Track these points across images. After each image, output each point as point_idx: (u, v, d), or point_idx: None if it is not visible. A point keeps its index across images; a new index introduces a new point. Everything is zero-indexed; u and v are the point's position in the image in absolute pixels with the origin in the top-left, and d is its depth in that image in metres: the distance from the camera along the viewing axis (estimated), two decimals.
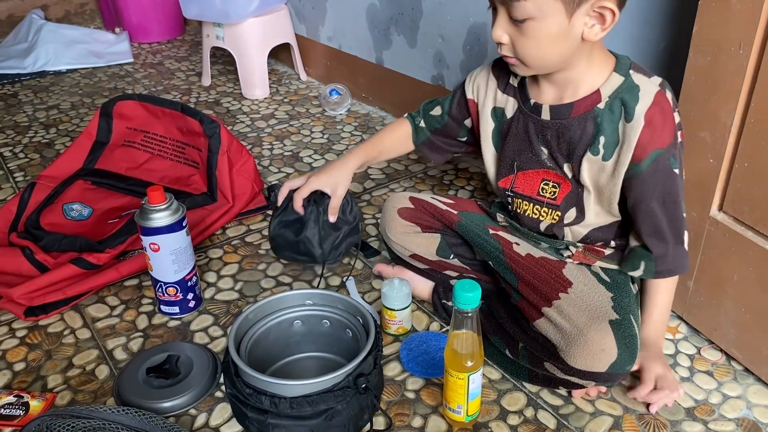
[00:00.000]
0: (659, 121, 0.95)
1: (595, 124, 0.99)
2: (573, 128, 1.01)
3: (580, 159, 1.02)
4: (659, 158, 0.97)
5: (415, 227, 1.22)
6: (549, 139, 1.04)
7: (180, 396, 1.07)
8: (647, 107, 0.95)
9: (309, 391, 0.94)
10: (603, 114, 0.98)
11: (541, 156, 1.06)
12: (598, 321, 0.96)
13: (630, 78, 0.97)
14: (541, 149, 1.06)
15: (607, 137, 0.98)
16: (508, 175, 1.12)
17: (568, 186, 1.06)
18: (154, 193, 1.16)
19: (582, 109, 0.99)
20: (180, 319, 1.27)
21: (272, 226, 1.30)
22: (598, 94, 0.98)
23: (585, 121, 1.00)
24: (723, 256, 1.10)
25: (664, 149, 0.96)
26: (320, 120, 2.15)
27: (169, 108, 1.64)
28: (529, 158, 1.08)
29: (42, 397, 1.08)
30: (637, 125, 0.95)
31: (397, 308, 1.18)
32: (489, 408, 1.05)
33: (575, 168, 1.03)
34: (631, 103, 0.96)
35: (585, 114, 0.99)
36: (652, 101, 0.95)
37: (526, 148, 1.08)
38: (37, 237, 1.42)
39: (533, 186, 1.09)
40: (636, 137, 0.96)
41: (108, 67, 2.73)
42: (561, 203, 1.07)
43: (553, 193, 1.08)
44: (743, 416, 1.03)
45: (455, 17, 1.78)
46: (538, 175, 1.08)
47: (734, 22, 0.97)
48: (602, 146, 0.99)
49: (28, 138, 2.07)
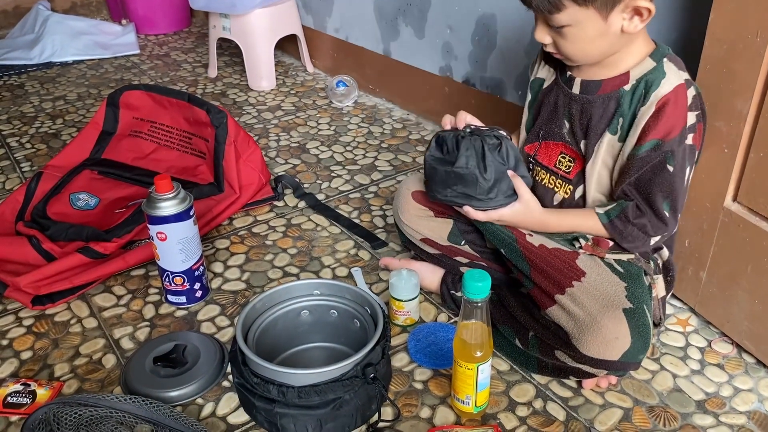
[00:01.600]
0: (669, 112, 0.95)
1: (617, 105, 1.00)
2: (596, 105, 1.02)
3: (598, 137, 1.03)
4: (657, 148, 0.97)
5: (428, 211, 1.22)
6: (573, 113, 1.05)
7: (187, 385, 1.06)
8: (663, 95, 0.95)
9: (317, 380, 0.94)
10: (626, 95, 0.99)
11: (563, 129, 1.08)
12: (612, 309, 0.95)
13: (661, 65, 0.98)
14: (564, 122, 1.07)
15: (626, 119, 1.00)
16: (534, 142, 1.13)
17: (580, 163, 1.07)
18: (161, 182, 1.16)
19: (609, 88, 1.01)
20: (187, 309, 1.26)
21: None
22: (626, 76, 0.99)
23: (609, 100, 1.01)
24: (737, 247, 1.08)
25: (665, 141, 0.96)
26: (327, 111, 2.14)
27: (176, 98, 1.63)
28: (552, 129, 1.09)
29: (49, 386, 1.07)
30: (648, 110, 0.96)
31: (405, 299, 1.17)
32: (498, 399, 1.04)
33: (590, 146, 1.04)
34: (653, 88, 0.96)
35: (610, 93, 1.01)
36: (670, 90, 0.95)
37: (553, 119, 1.09)
38: (43, 226, 1.42)
39: (552, 157, 1.11)
40: (643, 122, 0.97)
41: (114, 58, 2.73)
42: (574, 178, 1.09)
43: (568, 167, 1.09)
44: (755, 409, 1.02)
45: (463, 8, 1.77)
46: (558, 148, 1.10)
47: (752, 10, 0.96)
48: (620, 127, 1.01)
49: (34, 128, 2.07)
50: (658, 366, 1.10)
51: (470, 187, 1.05)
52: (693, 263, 1.18)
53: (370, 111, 2.13)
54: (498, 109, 1.76)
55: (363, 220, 1.54)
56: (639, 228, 1.02)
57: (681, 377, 1.08)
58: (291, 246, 1.45)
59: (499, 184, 1.05)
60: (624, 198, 1.02)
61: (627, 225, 1.02)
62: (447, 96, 1.93)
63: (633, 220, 1.02)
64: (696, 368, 1.10)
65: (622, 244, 1.04)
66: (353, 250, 1.43)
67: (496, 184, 1.04)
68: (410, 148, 1.88)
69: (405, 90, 2.10)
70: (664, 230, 1.03)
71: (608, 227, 1.03)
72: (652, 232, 1.02)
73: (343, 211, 1.58)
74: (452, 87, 1.90)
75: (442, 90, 1.94)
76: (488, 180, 1.03)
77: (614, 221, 1.03)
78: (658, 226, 1.02)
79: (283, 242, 1.46)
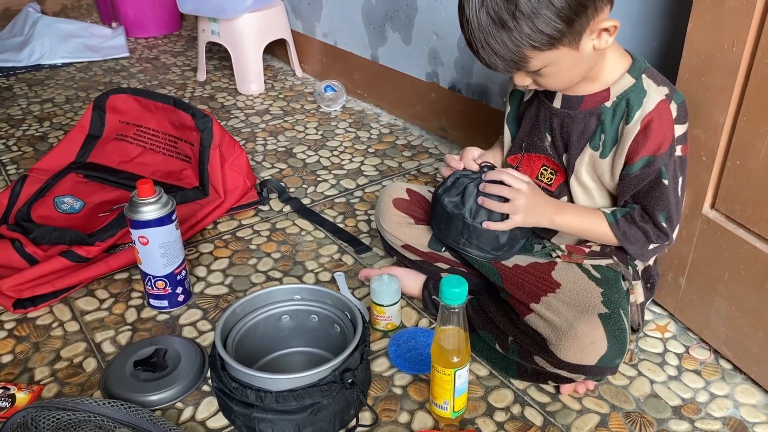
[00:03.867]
0: (656, 128, 0.96)
1: (599, 122, 1.01)
2: (577, 121, 1.03)
3: (579, 152, 1.04)
4: (649, 164, 0.98)
5: (409, 218, 1.22)
6: (554, 126, 1.06)
7: (167, 389, 1.06)
8: (647, 113, 0.96)
9: (295, 385, 0.94)
10: (607, 112, 1.00)
11: (545, 142, 1.09)
12: (588, 314, 0.96)
13: (640, 82, 0.99)
14: (545, 135, 1.08)
15: (608, 135, 1.01)
16: (517, 154, 1.14)
17: (562, 176, 1.08)
18: (143, 186, 1.16)
19: (590, 104, 1.01)
20: (169, 313, 1.26)
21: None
22: (607, 92, 1.00)
23: (590, 116, 1.02)
24: (715, 254, 1.09)
25: (656, 157, 0.98)
26: (315, 116, 2.15)
27: (161, 102, 1.63)
28: (534, 142, 1.10)
29: (29, 389, 1.07)
30: (633, 129, 0.97)
31: (386, 304, 1.17)
32: (476, 404, 1.05)
33: (571, 160, 1.05)
34: (635, 106, 0.97)
35: (591, 110, 1.01)
36: (653, 108, 0.96)
37: (534, 132, 1.10)
38: (27, 229, 1.42)
39: (534, 169, 1.11)
40: (630, 140, 0.98)
41: (104, 61, 2.72)
42: (555, 190, 1.09)
43: (549, 179, 1.10)
44: (730, 415, 1.03)
45: (450, 14, 1.78)
46: (540, 160, 1.10)
47: (728, 21, 0.97)
48: (602, 143, 1.02)
49: (21, 131, 2.06)
50: (636, 372, 1.11)
51: (484, 242, 1.07)
52: (673, 269, 1.19)
53: (357, 116, 2.14)
54: (483, 116, 1.77)
55: (348, 225, 1.54)
56: (642, 232, 1.03)
57: (658, 383, 1.09)
58: (275, 250, 1.45)
59: (512, 243, 1.08)
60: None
61: (632, 227, 1.04)
62: (433, 102, 1.94)
63: (638, 223, 1.03)
64: (673, 374, 1.11)
65: (624, 245, 1.05)
66: (337, 254, 1.43)
67: (509, 243, 1.07)
68: (397, 153, 1.89)
69: (392, 95, 2.10)
70: (664, 240, 1.05)
71: (613, 226, 1.04)
72: (653, 238, 1.04)
73: (328, 215, 1.58)
74: (439, 93, 1.91)
75: (428, 96, 1.95)
76: (504, 241, 1.07)
77: (620, 221, 1.04)
78: (659, 235, 1.04)
79: (267, 246, 1.46)
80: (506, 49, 0.89)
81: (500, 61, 0.91)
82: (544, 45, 0.88)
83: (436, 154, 1.87)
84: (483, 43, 0.90)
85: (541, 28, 0.86)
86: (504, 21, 0.86)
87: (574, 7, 0.86)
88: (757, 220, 1.02)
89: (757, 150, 0.98)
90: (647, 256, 1.08)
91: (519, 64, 0.91)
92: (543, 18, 0.86)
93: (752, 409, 1.04)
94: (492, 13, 0.87)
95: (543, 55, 0.90)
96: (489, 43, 0.89)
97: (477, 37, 0.90)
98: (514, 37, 0.87)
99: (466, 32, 0.91)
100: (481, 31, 0.89)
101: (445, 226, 1.10)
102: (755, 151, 0.99)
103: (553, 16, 0.86)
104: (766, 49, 0.93)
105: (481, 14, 0.87)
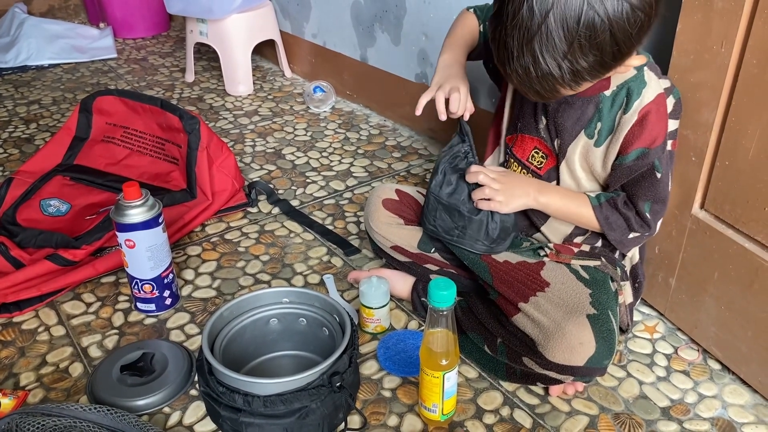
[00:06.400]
0: (652, 121, 0.97)
1: (597, 110, 1.01)
2: (575, 107, 1.02)
3: (573, 138, 1.04)
4: (643, 156, 0.98)
5: (398, 219, 1.22)
6: (550, 110, 1.06)
7: (154, 394, 1.05)
8: (645, 104, 0.97)
9: (283, 389, 0.93)
10: (606, 101, 1.00)
11: (539, 125, 1.08)
12: (576, 315, 0.96)
13: (642, 73, 0.98)
14: (540, 118, 1.08)
15: (604, 124, 1.01)
16: (512, 134, 1.14)
17: (553, 161, 1.08)
18: (129, 189, 1.15)
19: (589, 92, 1.00)
20: (156, 317, 1.25)
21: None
22: (608, 81, 1.00)
23: (588, 103, 1.01)
24: (704, 254, 1.10)
25: (650, 149, 0.98)
26: (304, 117, 2.14)
27: (148, 103, 1.62)
28: (529, 123, 1.10)
29: (13, 395, 1.06)
30: (630, 119, 0.97)
31: (375, 306, 1.17)
32: (465, 407, 1.04)
33: (564, 146, 1.05)
34: (634, 96, 0.97)
35: (590, 97, 1.01)
36: (651, 100, 0.97)
37: (530, 113, 1.09)
38: (12, 233, 1.40)
39: (525, 151, 1.11)
40: (626, 130, 0.98)
41: (91, 62, 2.70)
42: (544, 174, 1.10)
43: (540, 163, 1.10)
44: (718, 416, 1.03)
45: (439, 15, 1.77)
46: (533, 142, 1.10)
47: (717, 22, 0.97)
48: (597, 132, 1.02)
49: (7, 133, 2.04)
50: (625, 373, 1.11)
51: (477, 233, 1.08)
52: (663, 269, 1.19)
53: (347, 117, 2.13)
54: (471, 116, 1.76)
55: (337, 227, 1.53)
56: (624, 218, 1.04)
57: (647, 384, 1.09)
58: (263, 253, 1.44)
59: (503, 235, 1.09)
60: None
61: (614, 212, 1.04)
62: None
63: (621, 209, 1.04)
64: (662, 375, 1.11)
65: (605, 230, 1.05)
66: (326, 256, 1.42)
67: (500, 235, 1.08)
68: (386, 154, 1.88)
69: (382, 96, 2.10)
70: (645, 230, 1.05)
71: (597, 209, 1.04)
72: (635, 226, 1.04)
73: (317, 217, 1.57)
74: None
75: (418, 97, 1.93)
76: (496, 235, 1.08)
77: (603, 205, 1.04)
78: (641, 224, 1.04)
79: (256, 249, 1.45)
80: (542, 87, 0.87)
81: (533, 93, 0.90)
82: (578, 84, 0.88)
83: (425, 155, 1.87)
84: (522, 73, 0.86)
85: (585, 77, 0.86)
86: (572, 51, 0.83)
87: (618, 60, 0.87)
88: (746, 220, 1.02)
89: (746, 150, 0.98)
90: (626, 245, 1.08)
91: (548, 96, 0.90)
92: (588, 67, 0.85)
93: (740, 409, 1.04)
94: (568, 34, 0.82)
95: (586, 84, 0.90)
96: (530, 77, 0.86)
97: (530, 47, 0.83)
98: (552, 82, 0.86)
99: (516, 30, 0.83)
100: (546, 42, 0.82)
101: (439, 219, 1.10)
102: (744, 151, 0.99)
103: (599, 67, 0.86)
104: (755, 49, 0.94)
105: (558, 25, 0.81)
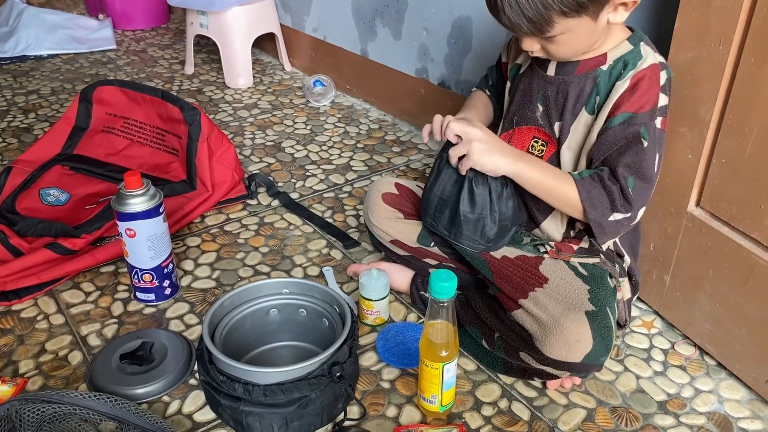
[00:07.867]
0: (644, 87, 0.97)
1: (594, 84, 1.02)
2: (573, 85, 1.03)
3: (575, 117, 1.04)
4: (629, 121, 0.98)
5: (398, 213, 1.22)
6: (548, 94, 1.06)
7: (153, 382, 1.06)
8: (638, 71, 0.97)
9: (283, 378, 0.94)
10: (603, 75, 1.01)
11: (536, 113, 1.09)
12: (575, 311, 0.97)
13: (638, 48, 1.00)
14: (537, 105, 1.08)
15: (602, 96, 1.01)
16: (509, 130, 1.14)
17: (553, 147, 1.08)
18: (131, 179, 1.15)
19: (586, 68, 1.02)
20: (156, 307, 1.26)
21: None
22: (604, 57, 1.01)
23: (586, 79, 1.02)
24: (699, 251, 1.10)
25: (637, 114, 0.97)
26: (303, 111, 2.14)
27: (149, 94, 1.62)
28: (526, 114, 1.10)
29: (12, 382, 1.06)
30: (623, 85, 0.98)
31: (375, 298, 1.18)
32: (463, 399, 1.05)
33: (566, 127, 1.05)
34: (629, 66, 0.99)
35: (587, 73, 1.02)
36: (646, 67, 0.98)
37: (526, 104, 1.10)
38: (12, 221, 1.40)
39: (524, 142, 1.11)
40: (617, 95, 0.98)
41: (90, 53, 2.70)
42: (546, 162, 1.09)
43: (540, 151, 1.10)
44: (714, 410, 1.04)
45: (440, 10, 1.78)
46: (531, 132, 1.10)
47: (714, 19, 0.98)
48: (596, 106, 1.02)
49: (6, 122, 2.04)
50: (622, 367, 1.12)
51: (473, 231, 1.09)
52: (657, 267, 1.20)
53: (346, 111, 2.14)
54: None
55: (336, 220, 1.54)
56: (608, 193, 0.99)
57: (644, 378, 1.10)
58: (263, 244, 1.45)
59: (501, 233, 1.09)
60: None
61: (597, 186, 0.99)
62: (423, 98, 1.94)
63: (605, 182, 0.99)
64: (659, 369, 1.12)
65: (586, 208, 1.00)
66: (325, 249, 1.43)
67: (498, 233, 1.09)
68: (386, 148, 1.89)
69: (382, 91, 2.10)
70: (627, 209, 1.00)
71: (579, 183, 1.00)
72: (618, 204, 0.99)
73: (317, 210, 1.58)
74: (428, 89, 1.91)
75: (418, 92, 1.95)
76: (493, 234, 1.09)
77: (586, 179, 1.00)
78: (623, 203, 0.99)
79: (255, 241, 1.46)
80: (535, 10, 0.89)
81: (525, 22, 0.91)
82: (571, 11, 0.89)
83: (425, 150, 1.87)
84: (512, 2, 0.90)
85: None
86: None
87: None
88: (741, 218, 1.03)
89: (742, 148, 0.99)
90: (606, 230, 1.02)
91: (542, 27, 0.92)
92: None
93: (736, 404, 1.05)
94: None
95: (566, 21, 0.91)
96: (519, 3, 0.89)
97: None
98: (546, 0, 0.88)
99: None
100: None
101: (437, 215, 1.11)
102: (741, 149, 0.99)
103: None
104: (753, 47, 0.94)
105: None
